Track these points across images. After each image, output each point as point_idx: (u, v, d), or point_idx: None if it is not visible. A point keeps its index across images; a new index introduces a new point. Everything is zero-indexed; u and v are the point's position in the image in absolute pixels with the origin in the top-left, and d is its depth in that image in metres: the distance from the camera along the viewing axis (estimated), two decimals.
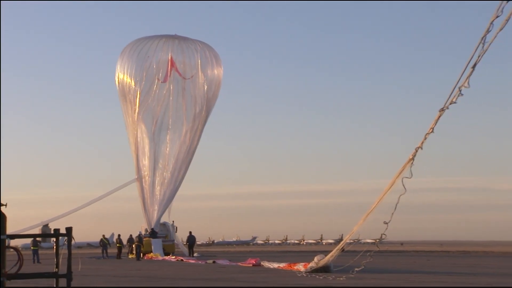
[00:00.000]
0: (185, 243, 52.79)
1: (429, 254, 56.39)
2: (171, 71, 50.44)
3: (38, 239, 47.46)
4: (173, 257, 45.13)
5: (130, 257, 50.28)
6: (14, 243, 17.30)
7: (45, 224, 57.78)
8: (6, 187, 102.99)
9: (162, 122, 51.49)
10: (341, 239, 72.10)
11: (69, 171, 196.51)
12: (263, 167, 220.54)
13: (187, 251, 51.33)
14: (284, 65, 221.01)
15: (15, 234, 14.21)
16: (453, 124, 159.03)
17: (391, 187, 19.54)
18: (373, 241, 22.67)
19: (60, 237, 12.67)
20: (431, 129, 18.94)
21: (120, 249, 50.91)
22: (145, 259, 46.28)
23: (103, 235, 52.97)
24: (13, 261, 12.24)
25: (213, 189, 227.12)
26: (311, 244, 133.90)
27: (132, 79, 50.32)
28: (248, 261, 31.59)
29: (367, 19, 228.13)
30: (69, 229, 12.40)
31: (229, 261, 35.38)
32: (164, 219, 53.20)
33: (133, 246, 49.49)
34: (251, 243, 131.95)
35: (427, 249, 77.64)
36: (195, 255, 50.38)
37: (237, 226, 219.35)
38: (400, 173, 19.23)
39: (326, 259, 22.56)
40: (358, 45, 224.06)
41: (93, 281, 19.84)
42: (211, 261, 36.34)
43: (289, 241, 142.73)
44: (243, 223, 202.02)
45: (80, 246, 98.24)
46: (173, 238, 53.63)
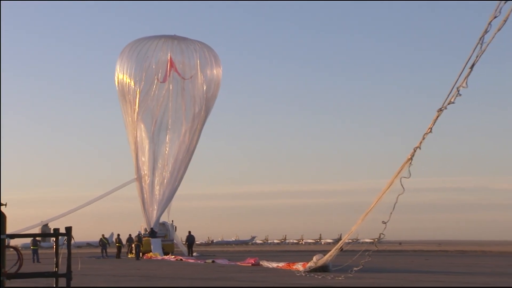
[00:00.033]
0: (184, 243, 52.88)
1: (427, 253, 56.35)
2: (170, 71, 50.49)
3: (38, 238, 47.52)
4: (172, 257, 45.16)
5: (129, 256, 50.37)
6: (14, 242, 17.27)
7: (45, 223, 57.80)
8: (6, 187, 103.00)
9: (161, 122, 51.55)
10: (339, 239, 72.16)
11: (69, 171, 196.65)
12: (262, 167, 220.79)
13: (186, 250, 51.41)
14: (283, 65, 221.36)
15: (15, 233, 14.22)
16: (451, 124, 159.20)
17: (389, 187, 19.60)
18: (372, 240, 22.59)
19: (59, 237, 12.71)
20: (430, 129, 19.00)
21: (119, 249, 51.01)
22: (144, 258, 46.33)
23: (103, 235, 53.05)
24: (13, 261, 12.23)
25: (212, 189, 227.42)
26: (310, 243, 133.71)
27: (131, 79, 50.37)
28: (247, 260, 31.63)
29: (366, 20, 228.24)
30: (68, 229, 12.43)
31: (228, 261, 35.41)
32: (163, 219, 53.29)
33: (133, 245, 49.57)
34: (250, 243, 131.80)
35: (425, 248, 77.61)
36: (194, 254, 50.45)
37: (236, 225, 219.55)
38: (398, 173, 19.28)
39: (324, 258, 22.61)
40: (356, 46, 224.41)
41: (93, 281, 19.91)
42: (210, 260, 36.40)
43: (288, 241, 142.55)
44: (242, 223, 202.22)
45: (79, 245, 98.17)
46: (172, 237, 53.68)
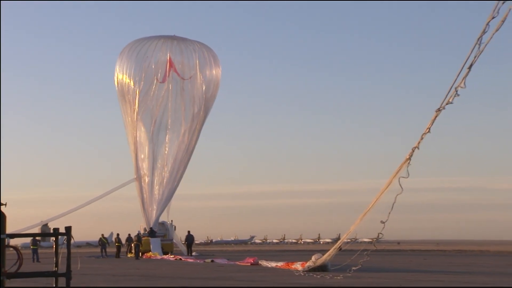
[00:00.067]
0: (183, 242, 52.96)
1: (426, 253, 56.48)
2: (169, 72, 50.53)
3: (37, 238, 47.61)
4: (171, 256, 45.22)
5: (128, 256, 50.42)
6: (13, 242, 17.33)
7: (45, 223, 57.83)
8: (6, 187, 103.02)
9: (161, 122, 51.59)
10: (338, 238, 72.17)
11: (69, 171, 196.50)
12: (261, 167, 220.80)
13: (186, 250, 51.48)
14: (282, 65, 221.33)
15: (14, 233, 14.26)
16: (449, 124, 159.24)
17: (388, 186, 19.66)
18: (370, 240, 22.65)
19: (59, 236, 12.75)
20: (428, 129, 19.07)
21: (118, 248, 51.07)
22: (143, 258, 46.40)
23: (102, 234, 53.09)
24: (13, 260, 12.24)
25: (211, 189, 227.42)
26: (308, 243, 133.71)
27: (131, 79, 50.41)
28: (246, 260, 31.68)
29: (366, 20, 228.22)
30: (68, 229, 12.47)
31: (227, 260, 35.49)
32: (162, 219, 53.33)
33: (132, 245, 49.63)
34: (249, 242, 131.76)
35: (423, 248, 77.69)
36: (193, 254, 50.56)
37: (235, 225, 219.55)
38: (397, 173, 19.34)
39: (323, 258, 22.67)
40: (354, 46, 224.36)
41: (92, 280, 19.97)
42: (209, 260, 36.50)
43: (287, 240, 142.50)
44: (241, 223, 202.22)
45: (79, 245, 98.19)
46: (171, 237, 53.73)
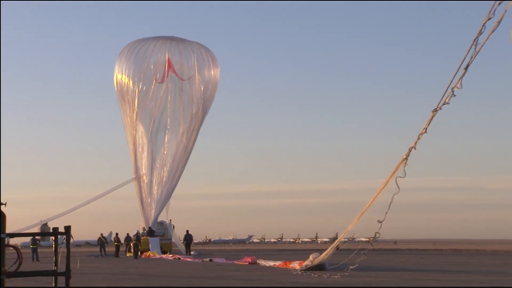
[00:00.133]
0: (182, 242, 53.05)
1: (422, 252, 56.58)
2: (168, 72, 50.61)
3: (37, 237, 47.62)
4: (170, 256, 45.29)
5: (127, 255, 50.51)
6: (13, 241, 17.39)
7: (44, 223, 57.84)
8: (6, 187, 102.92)
9: (159, 122, 51.68)
10: (336, 238, 72.22)
11: (69, 170, 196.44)
12: (260, 166, 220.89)
13: (184, 249, 51.59)
14: (281, 65, 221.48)
15: (14, 232, 14.33)
16: (446, 124, 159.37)
17: (385, 186, 19.78)
18: (367, 239, 22.81)
19: (59, 236, 12.82)
20: (425, 129, 19.20)
21: (117, 248, 51.16)
22: (142, 257, 46.49)
23: (101, 234, 53.14)
24: (13, 259, 12.27)
25: (210, 189, 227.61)
26: (306, 242, 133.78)
27: (130, 79, 50.50)
28: (244, 259, 31.76)
29: (365, 20, 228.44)
30: (67, 228, 12.51)
31: (225, 260, 35.60)
32: (161, 218, 53.40)
33: (131, 244, 49.73)
34: (247, 242, 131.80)
35: (420, 247, 77.82)
36: (192, 253, 50.63)
37: (233, 224, 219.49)
38: (394, 173, 19.47)
39: (321, 257, 22.78)
40: (352, 46, 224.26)
41: (92, 279, 20.06)
42: (208, 259, 36.59)
43: (284, 240, 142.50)
44: (240, 222, 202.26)
45: (78, 244, 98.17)
46: (170, 236, 53.82)
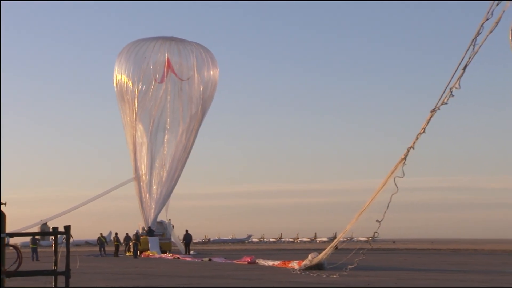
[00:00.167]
0: (181, 241, 53.10)
1: (421, 252, 56.57)
2: (167, 72, 50.66)
3: (37, 237, 47.65)
4: (169, 255, 45.34)
5: (127, 255, 50.56)
6: (13, 241, 17.43)
7: (44, 222, 57.86)
8: (6, 186, 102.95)
9: (159, 122, 51.73)
10: (334, 237, 72.33)
11: (69, 170, 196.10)
12: (259, 166, 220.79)
13: (184, 249, 51.64)
14: (280, 65, 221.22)
15: (14, 232, 14.37)
16: (444, 124, 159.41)
17: (383, 186, 19.84)
18: (366, 239, 22.86)
19: (58, 235, 12.86)
20: (423, 129, 19.26)
21: (117, 247, 51.20)
22: (142, 256, 46.53)
23: (101, 234, 53.18)
24: (13, 259, 12.28)
25: (209, 188, 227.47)
26: (305, 242, 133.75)
27: (129, 80, 50.56)
28: (243, 259, 31.83)
29: (365, 20, 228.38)
30: (67, 228, 12.55)
31: (224, 259, 35.66)
32: (161, 218, 53.43)
33: (130, 244, 49.77)
34: (246, 241, 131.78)
35: (418, 247, 77.80)
36: (191, 253, 50.69)
37: (232, 224, 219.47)
38: (392, 173, 19.53)
39: (320, 256, 22.84)
40: (353, 46, 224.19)
41: (91, 279, 20.13)
42: (207, 259, 36.66)
43: (283, 239, 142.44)
44: (239, 222, 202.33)
45: (78, 244, 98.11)
46: (169, 236, 53.86)
